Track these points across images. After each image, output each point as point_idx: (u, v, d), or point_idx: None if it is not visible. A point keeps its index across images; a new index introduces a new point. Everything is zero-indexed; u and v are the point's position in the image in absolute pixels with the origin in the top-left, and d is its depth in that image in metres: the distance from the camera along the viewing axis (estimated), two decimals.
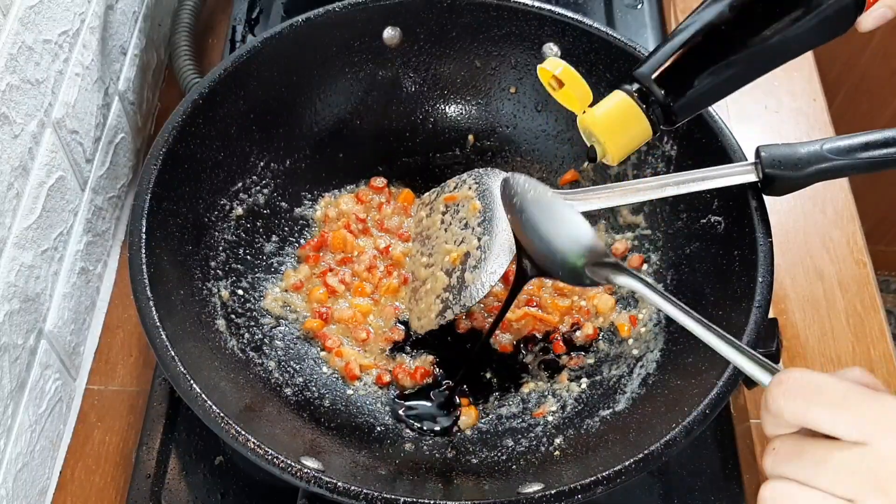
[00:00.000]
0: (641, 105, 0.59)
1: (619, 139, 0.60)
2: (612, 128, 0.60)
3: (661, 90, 0.58)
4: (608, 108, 0.60)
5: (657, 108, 0.59)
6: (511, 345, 0.77)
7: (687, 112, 0.60)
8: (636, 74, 0.60)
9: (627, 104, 0.60)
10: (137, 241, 0.65)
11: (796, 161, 0.67)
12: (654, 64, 0.59)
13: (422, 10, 0.81)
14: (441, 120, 0.87)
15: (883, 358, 0.81)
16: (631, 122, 0.60)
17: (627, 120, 0.60)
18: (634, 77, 0.60)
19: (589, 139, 0.62)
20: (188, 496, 0.70)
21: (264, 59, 0.77)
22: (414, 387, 0.75)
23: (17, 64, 0.63)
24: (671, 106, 0.59)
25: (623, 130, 0.60)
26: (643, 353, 0.74)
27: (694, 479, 0.72)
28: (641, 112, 0.59)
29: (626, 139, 0.61)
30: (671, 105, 0.59)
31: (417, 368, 0.75)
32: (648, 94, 0.59)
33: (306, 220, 0.82)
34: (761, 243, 0.66)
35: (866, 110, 1.55)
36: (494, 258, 0.73)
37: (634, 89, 0.60)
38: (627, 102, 0.60)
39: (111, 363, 0.79)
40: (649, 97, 0.59)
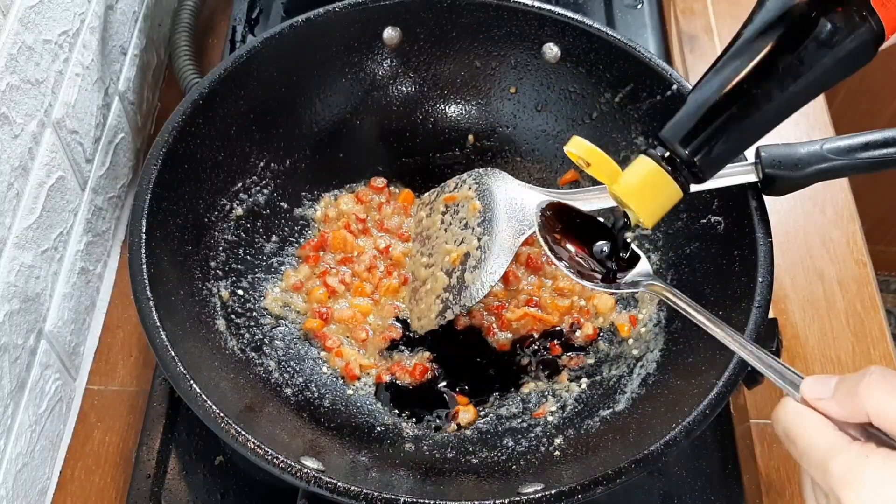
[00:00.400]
0: (668, 168, 0.59)
1: (650, 206, 0.60)
2: (643, 196, 0.60)
3: (685, 150, 0.58)
4: (637, 179, 0.60)
5: (685, 170, 0.59)
6: (509, 343, 0.77)
7: (714, 169, 0.60)
8: (662, 138, 0.59)
9: (655, 171, 0.59)
10: (137, 241, 0.65)
11: (796, 161, 0.66)
12: (676, 125, 0.59)
13: (422, 10, 0.81)
14: (441, 120, 0.87)
15: (883, 358, 0.81)
16: (660, 188, 0.59)
17: (656, 187, 0.59)
18: (660, 140, 0.59)
19: (622, 206, 0.62)
20: (188, 496, 0.70)
21: (264, 59, 0.77)
22: (413, 384, 0.75)
23: (17, 64, 0.63)
24: (696, 164, 0.58)
25: (653, 197, 0.60)
26: (643, 353, 0.74)
27: (694, 479, 0.72)
28: (669, 177, 0.59)
29: (657, 205, 0.60)
30: (696, 163, 0.58)
31: (416, 365, 0.75)
32: (674, 157, 0.59)
33: (306, 220, 0.82)
34: (761, 243, 0.66)
35: (866, 110, 1.55)
36: (494, 258, 0.73)
37: (660, 154, 0.59)
38: (655, 169, 0.59)
39: (111, 363, 0.79)
40: (675, 160, 0.59)
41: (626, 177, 0.61)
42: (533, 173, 0.86)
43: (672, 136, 0.59)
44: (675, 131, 0.59)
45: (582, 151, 0.61)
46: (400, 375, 0.75)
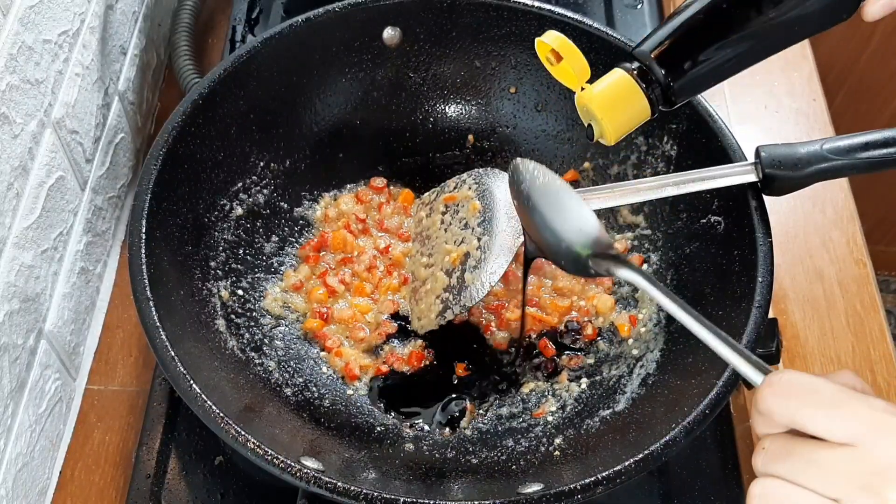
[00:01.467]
0: (641, 84, 0.58)
1: (617, 117, 0.59)
2: (611, 105, 0.59)
3: (661, 69, 0.57)
4: (607, 86, 0.59)
5: (657, 88, 0.58)
6: (506, 342, 0.77)
7: (687, 93, 0.59)
8: (636, 52, 0.58)
9: (626, 82, 0.58)
10: (137, 242, 0.65)
11: (796, 161, 0.66)
12: (655, 42, 0.58)
13: (422, 10, 0.81)
14: (441, 120, 0.87)
15: (883, 358, 0.81)
16: (629, 101, 0.59)
17: (626, 98, 0.59)
18: (634, 55, 0.59)
19: (586, 118, 0.61)
20: (188, 496, 0.70)
21: (264, 59, 0.77)
22: (412, 371, 0.75)
23: (17, 64, 0.63)
24: (671, 86, 0.58)
25: (621, 109, 0.59)
26: (643, 353, 0.74)
27: (694, 479, 0.72)
28: (641, 91, 0.58)
29: (625, 118, 0.59)
30: (671, 85, 0.57)
31: (412, 353, 0.76)
32: (648, 72, 0.58)
33: (306, 220, 0.82)
34: (761, 243, 0.66)
35: (866, 110, 1.55)
36: (494, 258, 0.73)
37: (634, 67, 0.59)
38: (626, 80, 0.58)
39: (111, 363, 0.79)
40: (649, 76, 0.58)
41: (595, 86, 0.60)
42: None
43: (648, 52, 0.58)
44: (653, 48, 0.58)
45: (556, 42, 0.59)
46: (398, 365, 0.75)
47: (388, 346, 0.77)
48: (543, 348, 0.76)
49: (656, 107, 0.59)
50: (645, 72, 0.58)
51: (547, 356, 0.76)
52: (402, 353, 0.76)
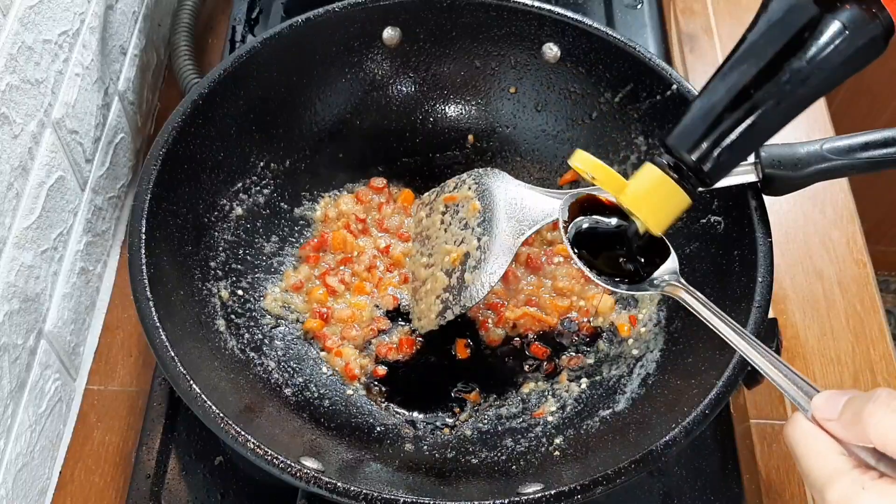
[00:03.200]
0: (674, 176, 0.58)
1: (657, 214, 0.60)
2: (650, 205, 0.60)
3: (691, 157, 0.57)
4: (642, 186, 0.60)
5: (692, 178, 0.58)
6: (501, 339, 0.77)
7: (721, 174, 0.59)
8: (667, 145, 0.58)
9: (662, 180, 0.59)
10: (137, 242, 0.65)
11: (796, 161, 0.66)
12: (682, 131, 0.58)
13: (421, 10, 0.81)
14: (441, 120, 0.87)
15: (883, 358, 0.81)
16: (667, 197, 0.59)
17: (663, 195, 0.59)
18: (666, 147, 0.58)
19: (630, 214, 0.62)
20: (188, 496, 0.70)
21: (264, 59, 0.77)
22: (407, 359, 0.76)
23: (17, 64, 0.63)
24: (703, 170, 0.57)
25: (660, 206, 0.59)
26: (643, 353, 0.74)
27: (694, 479, 0.72)
28: (676, 184, 0.58)
29: (665, 213, 0.60)
30: (703, 169, 0.57)
31: (402, 341, 0.76)
32: (681, 164, 0.58)
33: (306, 221, 0.82)
34: (761, 243, 0.66)
35: (866, 110, 1.55)
36: (494, 258, 0.73)
37: (666, 162, 0.59)
38: (662, 178, 0.59)
39: (111, 363, 0.79)
40: (682, 168, 0.58)
41: (632, 186, 0.60)
42: (533, 173, 0.86)
43: (678, 144, 0.58)
44: (682, 139, 0.58)
45: (587, 167, 0.61)
46: (391, 356, 0.75)
47: (377, 339, 0.77)
48: (535, 351, 0.76)
49: (694, 194, 0.59)
50: (678, 165, 0.58)
51: (540, 358, 0.76)
52: (392, 342, 0.76)
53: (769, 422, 0.77)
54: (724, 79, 0.56)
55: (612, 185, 0.61)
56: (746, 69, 0.55)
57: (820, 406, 0.45)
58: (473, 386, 0.75)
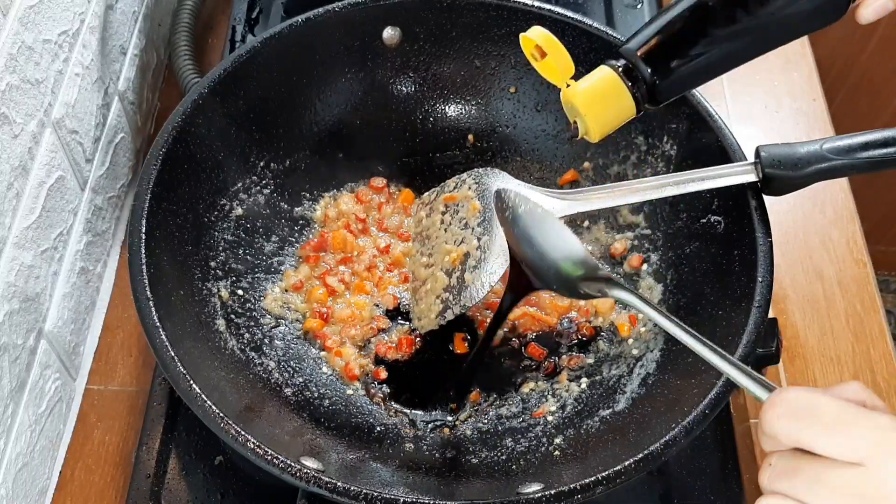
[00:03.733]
0: (626, 82, 0.57)
1: (601, 115, 0.59)
2: (595, 103, 0.59)
3: (646, 67, 0.57)
4: (592, 83, 0.59)
5: (642, 86, 0.57)
6: (499, 339, 0.77)
7: (672, 92, 0.59)
8: (622, 50, 0.58)
9: (612, 79, 0.58)
10: (137, 242, 0.65)
11: (796, 161, 0.66)
12: (641, 40, 0.57)
13: (421, 10, 0.81)
14: (441, 120, 0.87)
15: (883, 358, 0.81)
16: (614, 99, 0.58)
17: (611, 96, 0.58)
18: (620, 53, 0.58)
19: (571, 115, 0.61)
20: (188, 496, 0.70)
21: (264, 59, 0.77)
22: (405, 357, 0.76)
23: (17, 64, 0.63)
24: (656, 84, 0.57)
25: (606, 106, 0.58)
26: (643, 352, 0.74)
27: (694, 479, 0.72)
28: (626, 89, 0.58)
29: (609, 116, 0.59)
30: (656, 83, 0.57)
31: (400, 340, 0.76)
32: (634, 70, 0.57)
33: (306, 220, 0.82)
34: (761, 243, 0.66)
35: (866, 110, 1.55)
36: (494, 258, 0.73)
37: (620, 65, 0.58)
38: (612, 78, 0.58)
39: (111, 363, 0.79)
40: (635, 74, 0.57)
41: (581, 83, 0.59)
42: (533, 173, 0.86)
43: (634, 51, 0.57)
44: (639, 46, 0.57)
45: (541, 38, 0.59)
46: (390, 355, 0.76)
47: (376, 338, 0.77)
48: (533, 352, 0.76)
49: (642, 105, 0.58)
50: (631, 70, 0.58)
51: (537, 359, 0.76)
52: (392, 341, 0.76)
53: None
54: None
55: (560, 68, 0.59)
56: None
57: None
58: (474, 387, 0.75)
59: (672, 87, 0.58)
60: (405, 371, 0.76)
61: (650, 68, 0.57)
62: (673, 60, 0.57)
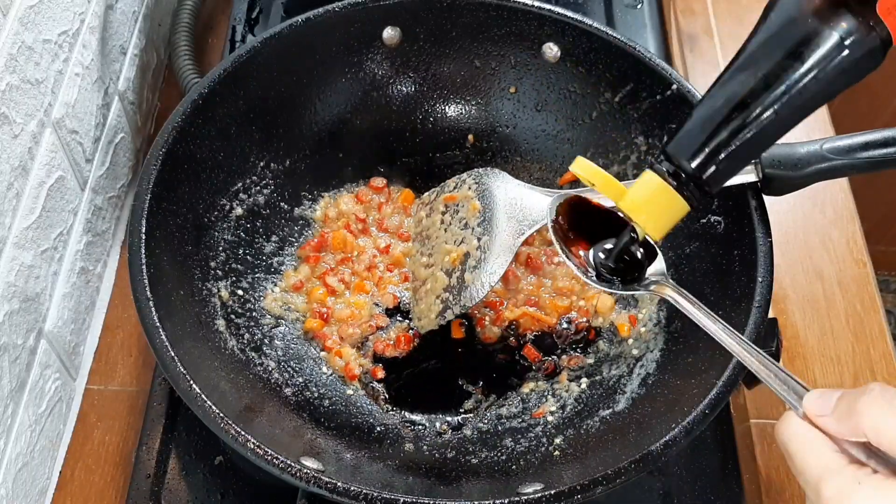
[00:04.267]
0: (673, 183, 0.58)
1: (657, 221, 0.60)
2: (649, 212, 0.60)
3: (690, 165, 0.57)
4: (641, 193, 0.60)
5: (691, 185, 0.58)
6: (496, 337, 0.77)
7: (721, 182, 0.59)
8: (667, 153, 0.58)
9: (661, 187, 0.59)
10: (137, 242, 0.65)
11: (796, 161, 0.66)
12: (682, 140, 0.58)
13: (421, 10, 0.81)
14: (441, 120, 0.87)
15: (883, 358, 0.81)
16: (666, 204, 0.59)
17: (662, 202, 0.59)
18: (665, 154, 0.59)
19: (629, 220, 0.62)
20: (188, 496, 0.70)
21: (264, 59, 0.77)
22: (404, 354, 0.76)
23: (17, 64, 0.63)
24: (702, 178, 0.57)
25: (660, 213, 0.59)
26: (643, 353, 0.74)
27: (694, 479, 0.72)
28: (675, 192, 0.58)
29: (664, 220, 0.60)
30: (702, 177, 0.57)
31: (399, 337, 0.76)
32: (680, 172, 0.58)
33: (306, 221, 0.82)
34: (761, 243, 0.66)
35: (866, 110, 1.55)
36: (494, 258, 0.73)
37: (666, 169, 0.59)
38: (661, 185, 0.59)
39: (111, 363, 0.79)
40: (681, 175, 0.58)
41: (632, 193, 0.60)
42: (533, 173, 0.86)
43: (678, 152, 0.58)
44: (682, 147, 0.58)
45: (587, 173, 0.61)
46: (389, 352, 0.76)
47: (374, 336, 0.77)
48: (528, 353, 0.76)
49: (693, 201, 0.59)
50: (677, 172, 0.58)
51: (532, 361, 0.76)
52: (389, 339, 0.76)
53: (769, 422, 0.77)
54: (724, 88, 0.56)
55: (611, 192, 0.61)
56: (745, 79, 0.55)
57: (812, 403, 0.45)
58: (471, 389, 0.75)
59: (720, 177, 0.59)
60: (404, 371, 0.76)
61: (694, 165, 0.57)
62: (719, 156, 0.57)
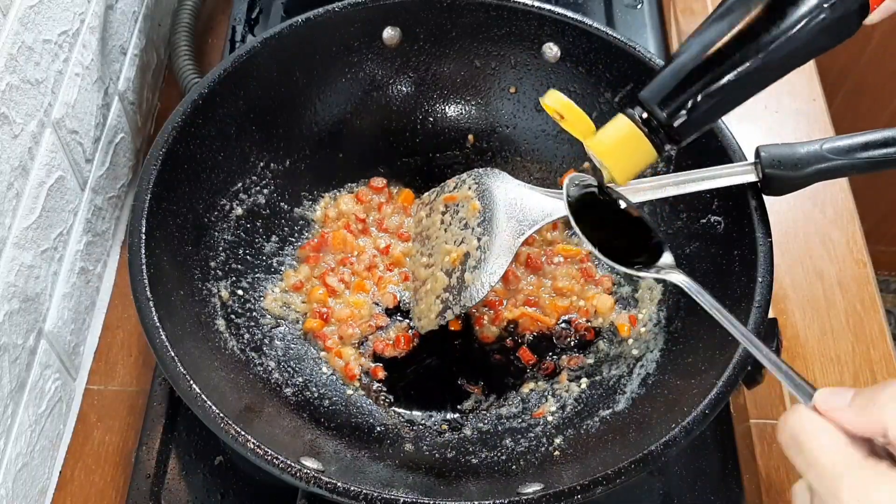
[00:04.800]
0: (644, 128, 0.59)
1: (623, 164, 0.61)
2: (616, 153, 0.60)
3: (662, 112, 0.58)
4: (611, 134, 0.61)
5: (660, 131, 0.59)
6: (494, 336, 0.77)
7: (691, 132, 0.60)
8: (640, 98, 0.59)
9: (629, 129, 0.60)
10: (137, 242, 0.65)
11: (796, 161, 0.67)
12: (656, 86, 0.59)
13: (421, 10, 0.81)
14: (441, 120, 0.87)
15: (883, 358, 0.81)
16: (634, 147, 0.60)
17: (630, 144, 0.60)
18: (638, 100, 0.59)
19: (597, 162, 0.62)
20: (188, 496, 0.70)
21: (264, 59, 0.77)
22: (403, 354, 0.76)
23: (17, 64, 0.63)
24: (673, 126, 0.58)
25: (627, 155, 0.60)
26: (643, 353, 0.74)
27: (694, 479, 0.72)
28: (644, 136, 0.59)
29: (631, 164, 0.61)
30: (673, 125, 0.58)
31: (398, 337, 0.76)
32: (651, 116, 0.59)
33: (306, 221, 0.82)
34: (761, 243, 0.66)
35: (866, 110, 1.55)
36: (494, 258, 0.73)
37: (637, 113, 0.59)
38: (630, 127, 0.60)
39: (111, 363, 0.79)
40: (651, 120, 0.59)
41: (601, 134, 0.61)
42: (533, 173, 0.86)
43: (651, 98, 0.59)
44: (654, 93, 0.59)
45: (558, 105, 0.61)
46: (388, 352, 0.76)
47: (374, 335, 0.77)
48: (523, 355, 0.76)
49: (662, 149, 0.60)
50: (649, 118, 0.59)
51: (526, 363, 0.76)
52: (389, 339, 0.76)
53: (769, 422, 0.77)
54: (700, 37, 0.58)
55: (580, 128, 0.61)
56: (721, 30, 0.56)
57: (825, 397, 0.45)
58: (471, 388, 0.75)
59: (691, 128, 0.59)
60: (404, 370, 0.76)
61: (667, 113, 0.58)
62: (688, 102, 0.58)
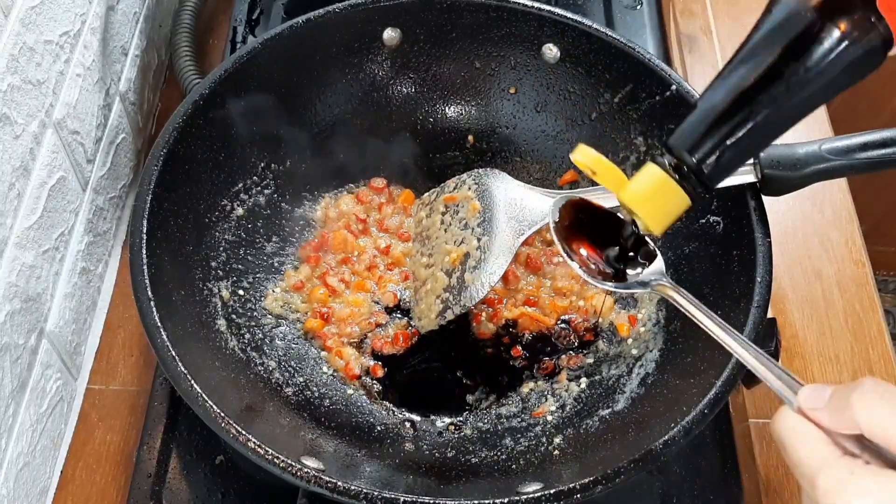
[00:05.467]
0: (675, 176, 0.58)
1: (658, 215, 0.60)
2: (649, 203, 0.59)
3: (692, 158, 0.57)
4: (643, 184, 0.59)
5: (692, 178, 0.58)
6: (492, 333, 0.78)
7: (722, 177, 0.59)
8: (669, 145, 0.58)
9: (661, 177, 0.58)
10: (138, 242, 0.65)
11: (795, 161, 0.67)
12: (684, 133, 0.58)
13: (421, 11, 0.81)
14: (441, 120, 0.87)
15: (882, 358, 0.81)
16: (667, 195, 0.59)
17: (664, 195, 0.59)
18: (667, 147, 0.59)
19: (630, 214, 0.62)
20: (189, 496, 0.70)
21: (265, 59, 0.77)
22: (401, 352, 0.76)
23: (19, 64, 0.63)
24: (703, 171, 0.57)
25: (661, 206, 0.59)
26: (642, 352, 0.74)
27: (693, 478, 0.72)
28: (677, 185, 0.58)
29: (665, 212, 0.60)
30: (703, 171, 0.57)
31: (397, 335, 0.76)
32: (682, 165, 0.58)
33: (307, 221, 0.83)
34: (760, 243, 0.66)
35: (865, 110, 1.55)
36: (494, 259, 0.74)
37: (668, 162, 0.59)
38: (661, 175, 0.58)
39: (112, 363, 0.79)
40: (683, 168, 0.58)
41: (633, 185, 0.60)
42: (533, 173, 0.86)
43: (680, 145, 0.58)
44: (683, 139, 0.58)
45: (588, 160, 0.61)
46: (387, 349, 0.76)
47: (373, 333, 0.77)
48: (516, 354, 0.77)
49: (695, 195, 0.59)
50: (679, 165, 0.58)
51: (515, 356, 0.76)
52: (388, 336, 0.76)
53: (768, 421, 0.77)
54: (725, 82, 0.56)
55: (612, 182, 0.61)
56: (746, 73, 0.55)
57: (806, 397, 0.46)
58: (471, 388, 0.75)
59: (721, 172, 0.58)
60: (404, 369, 0.76)
61: (696, 158, 0.57)
62: (720, 150, 0.57)
